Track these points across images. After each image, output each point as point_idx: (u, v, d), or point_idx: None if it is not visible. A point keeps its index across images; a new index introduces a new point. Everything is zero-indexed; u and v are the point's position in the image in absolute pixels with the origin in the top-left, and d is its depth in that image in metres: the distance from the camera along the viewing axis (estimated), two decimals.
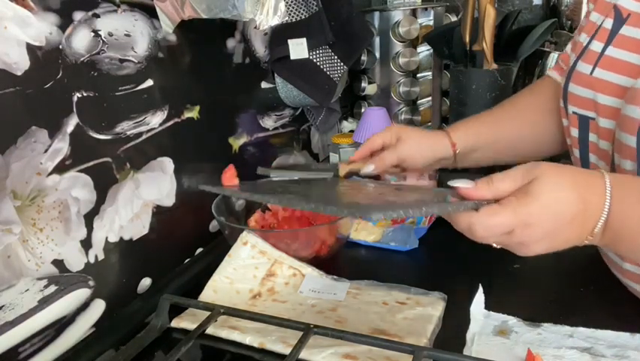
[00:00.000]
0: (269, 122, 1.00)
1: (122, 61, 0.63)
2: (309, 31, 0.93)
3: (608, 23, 0.55)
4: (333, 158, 1.13)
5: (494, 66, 0.93)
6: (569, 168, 0.45)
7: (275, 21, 0.71)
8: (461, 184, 0.45)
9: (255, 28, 0.90)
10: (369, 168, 0.70)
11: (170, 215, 0.73)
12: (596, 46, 0.56)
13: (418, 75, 1.13)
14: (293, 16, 0.94)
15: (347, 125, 1.23)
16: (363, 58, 1.12)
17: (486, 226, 0.44)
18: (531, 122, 0.72)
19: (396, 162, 0.70)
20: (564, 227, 0.44)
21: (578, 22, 1.13)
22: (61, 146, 0.56)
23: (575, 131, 0.59)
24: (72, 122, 0.57)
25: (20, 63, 0.51)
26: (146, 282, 0.70)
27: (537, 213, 0.43)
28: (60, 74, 0.56)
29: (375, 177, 0.75)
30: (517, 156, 0.74)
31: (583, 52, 0.58)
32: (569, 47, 0.70)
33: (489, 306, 0.56)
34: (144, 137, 0.68)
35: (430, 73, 1.14)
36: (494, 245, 0.46)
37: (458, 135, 0.72)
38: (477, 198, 0.45)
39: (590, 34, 0.58)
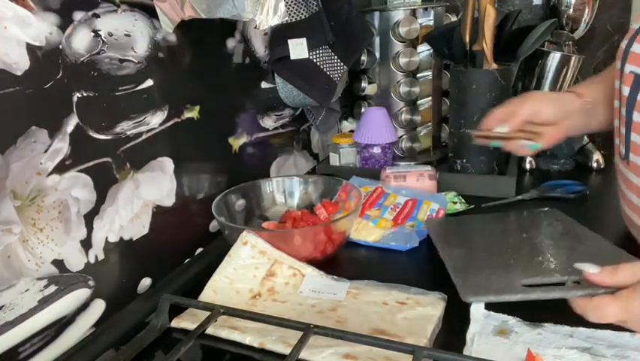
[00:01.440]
0: (269, 122, 1.00)
1: (122, 61, 0.63)
2: (309, 31, 0.93)
3: None
4: (333, 158, 1.13)
5: (494, 66, 0.93)
6: None
7: (275, 21, 0.71)
8: (586, 268, 0.48)
9: (255, 28, 0.90)
10: (503, 128, 0.72)
11: (170, 215, 0.73)
12: None
13: (418, 75, 1.13)
14: (293, 16, 0.94)
15: (347, 125, 1.23)
16: (363, 58, 1.11)
17: (597, 316, 0.46)
18: None
19: (528, 116, 0.71)
20: None
21: (580, 20, 1.13)
22: (61, 146, 0.56)
23: (625, 90, 0.61)
24: (72, 122, 0.57)
25: (20, 63, 0.51)
26: (146, 282, 0.70)
27: None
28: (60, 74, 0.56)
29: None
30: None
31: None
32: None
33: (489, 306, 0.56)
34: (144, 137, 0.68)
35: (430, 73, 1.13)
36: None
37: (582, 89, 0.73)
38: (597, 284, 0.47)
39: None
